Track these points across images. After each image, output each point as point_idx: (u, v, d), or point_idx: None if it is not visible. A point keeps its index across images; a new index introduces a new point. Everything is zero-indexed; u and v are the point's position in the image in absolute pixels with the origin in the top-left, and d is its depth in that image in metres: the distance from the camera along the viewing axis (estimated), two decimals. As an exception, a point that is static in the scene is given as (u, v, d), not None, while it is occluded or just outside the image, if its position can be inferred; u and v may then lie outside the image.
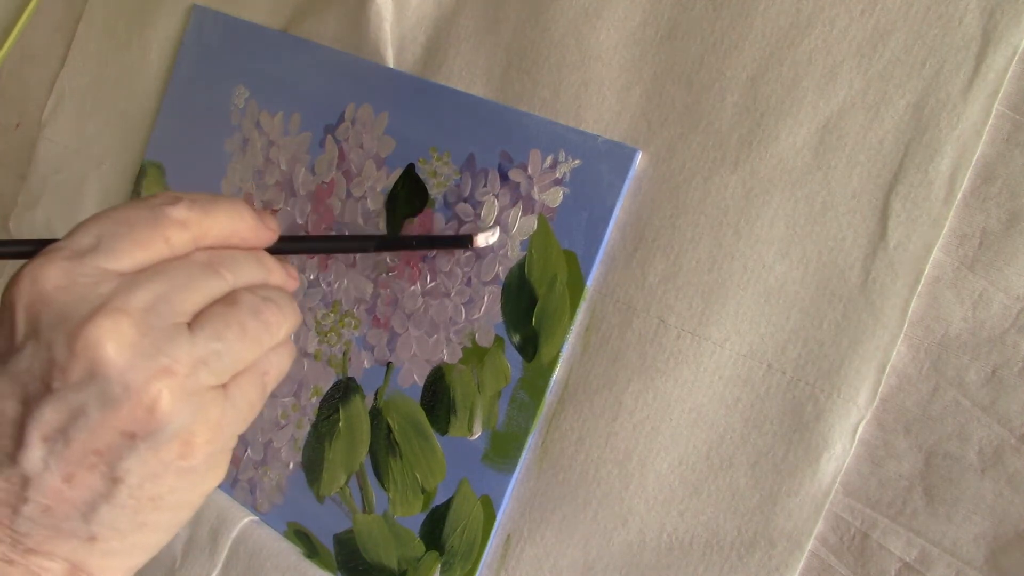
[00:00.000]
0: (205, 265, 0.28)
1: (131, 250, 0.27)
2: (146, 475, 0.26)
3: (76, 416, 0.25)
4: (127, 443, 0.25)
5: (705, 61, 0.34)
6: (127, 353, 0.25)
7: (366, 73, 0.43)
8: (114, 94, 0.54)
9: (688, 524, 0.33)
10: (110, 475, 0.26)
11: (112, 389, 0.25)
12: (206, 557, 0.44)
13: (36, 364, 0.25)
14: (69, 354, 0.25)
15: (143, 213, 0.27)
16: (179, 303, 0.27)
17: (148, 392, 0.25)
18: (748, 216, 0.33)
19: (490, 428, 0.37)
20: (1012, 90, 0.29)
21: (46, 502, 0.26)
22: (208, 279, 0.28)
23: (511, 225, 0.37)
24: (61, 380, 0.25)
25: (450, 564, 0.38)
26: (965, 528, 0.29)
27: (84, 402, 0.25)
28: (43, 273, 0.26)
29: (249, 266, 0.29)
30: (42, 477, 0.25)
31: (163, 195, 0.28)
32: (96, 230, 0.27)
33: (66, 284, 0.25)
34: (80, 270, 0.26)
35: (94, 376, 0.25)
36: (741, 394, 0.32)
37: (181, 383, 0.26)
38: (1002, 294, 0.29)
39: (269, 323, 0.28)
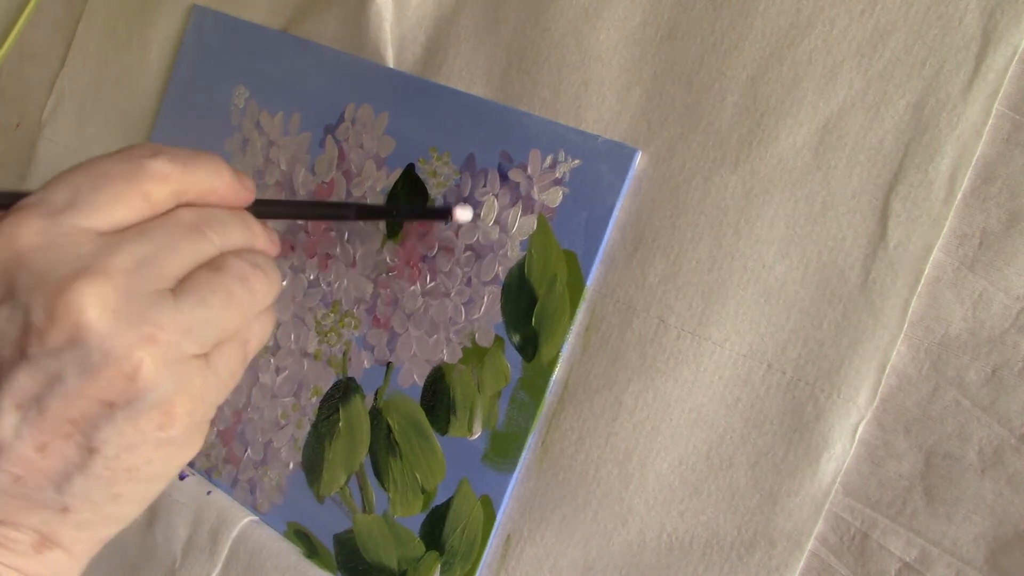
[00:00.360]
0: (191, 226, 0.26)
1: (110, 206, 0.25)
2: (123, 446, 0.25)
3: (52, 383, 0.24)
4: (105, 412, 0.24)
5: (705, 61, 0.34)
6: (109, 319, 0.24)
7: (366, 73, 0.43)
8: (114, 94, 0.54)
9: (688, 524, 0.33)
10: (86, 445, 0.25)
11: (92, 356, 0.24)
12: (206, 557, 0.44)
13: (11, 328, 0.24)
14: (48, 318, 0.23)
15: (121, 166, 0.25)
16: (164, 267, 0.25)
17: (130, 360, 0.24)
18: (748, 216, 0.33)
19: (490, 428, 0.37)
20: (1012, 90, 0.29)
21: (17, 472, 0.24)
22: (194, 241, 0.26)
23: (511, 225, 0.37)
24: (38, 345, 0.23)
25: (450, 564, 0.38)
26: (965, 528, 0.29)
27: (61, 369, 0.24)
28: (18, 232, 0.24)
29: (235, 228, 0.28)
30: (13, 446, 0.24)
31: (141, 146, 0.27)
32: (73, 184, 0.25)
33: (43, 244, 0.24)
34: (57, 229, 0.24)
35: (74, 342, 0.23)
36: (741, 394, 0.32)
37: (164, 351, 0.24)
38: (1002, 294, 0.29)
39: (255, 291, 0.27)
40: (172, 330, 0.25)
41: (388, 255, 0.41)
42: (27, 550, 0.26)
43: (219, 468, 0.46)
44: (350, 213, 0.37)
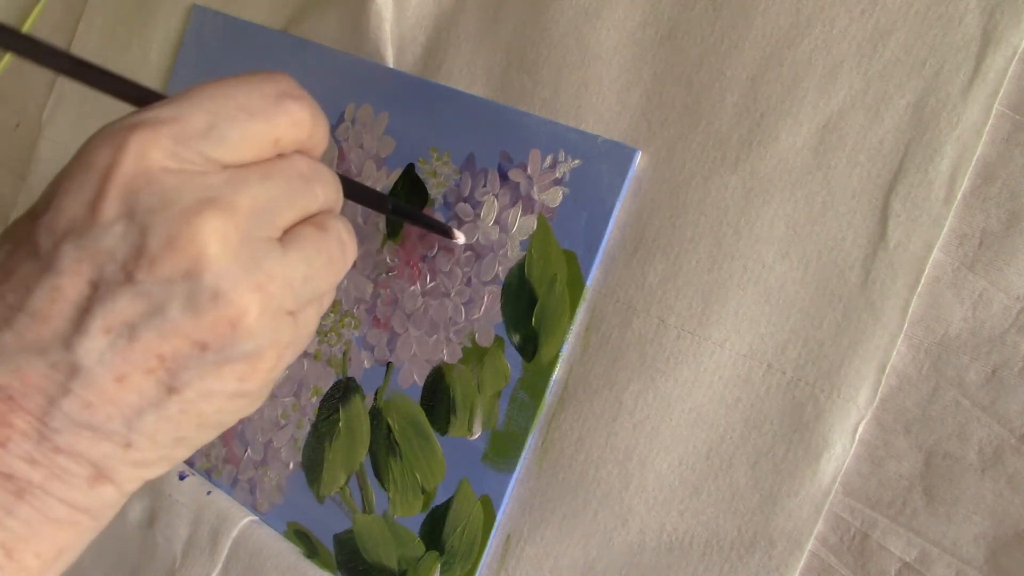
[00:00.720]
0: (304, 178, 0.25)
1: (241, 144, 0.24)
2: (201, 391, 0.24)
3: (153, 314, 0.22)
4: (196, 354, 0.23)
5: (705, 61, 0.34)
6: (228, 258, 0.23)
7: (366, 73, 0.43)
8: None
9: (688, 524, 0.33)
10: (167, 383, 0.23)
11: (202, 293, 0.22)
12: (206, 557, 0.44)
13: (122, 247, 0.22)
14: (167, 245, 0.22)
15: (265, 103, 0.24)
16: (279, 216, 0.24)
17: (237, 305, 0.23)
18: (748, 216, 0.33)
19: (490, 428, 0.37)
20: (1012, 90, 0.29)
21: (90, 398, 0.23)
22: (304, 194, 0.25)
23: (511, 225, 0.37)
24: (148, 271, 0.22)
25: (450, 564, 0.38)
26: (965, 528, 0.29)
27: (167, 300, 0.22)
28: (149, 148, 0.22)
29: (333, 189, 0.27)
30: (93, 371, 0.23)
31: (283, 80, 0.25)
32: (211, 111, 0.24)
33: (174, 167, 0.23)
34: (187, 155, 0.23)
35: (188, 275, 0.22)
36: (741, 394, 0.32)
37: (269, 302, 0.24)
38: (1002, 294, 0.29)
39: (347, 256, 0.27)
40: (279, 282, 0.24)
41: (388, 255, 0.41)
42: (80, 484, 0.24)
43: (219, 468, 0.46)
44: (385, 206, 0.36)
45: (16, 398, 0.23)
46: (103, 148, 0.23)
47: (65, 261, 0.22)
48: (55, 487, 0.24)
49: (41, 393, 0.23)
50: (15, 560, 0.24)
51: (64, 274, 0.22)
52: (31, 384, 0.23)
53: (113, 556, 0.47)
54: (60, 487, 0.24)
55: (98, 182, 0.22)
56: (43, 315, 0.22)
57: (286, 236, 0.25)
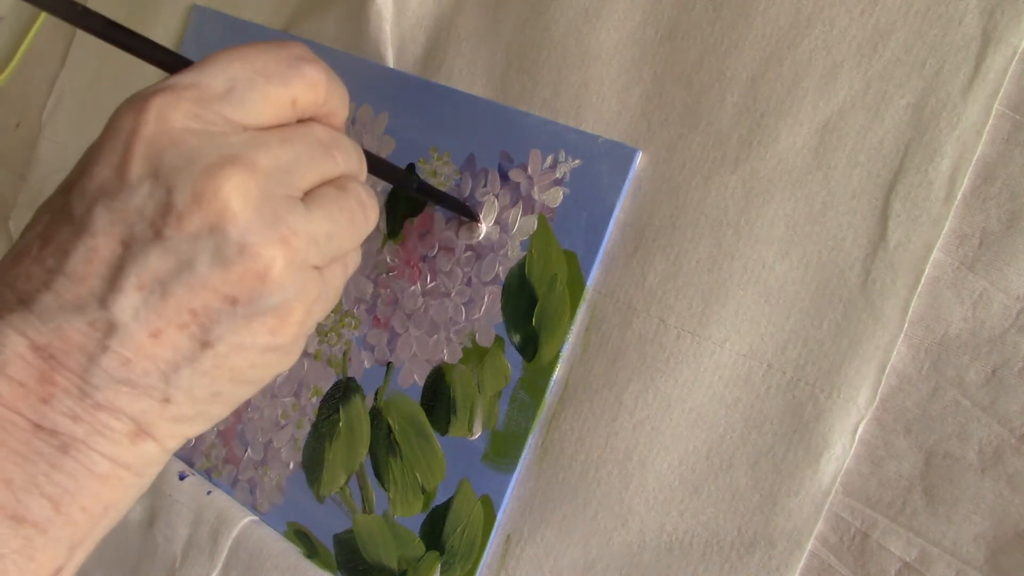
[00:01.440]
0: (324, 143, 0.27)
1: (261, 105, 0.25)
2: (234, 344, 0.25)
3: (182, 269, 0.23)
4: (227, 307, 0.24)
5: (705, 61, 0.34)
6: (251, 212, 0.23)
7: (366, 73, 0.43)
8: (114, 94, 0.54)
9: (688, 524, 0.33)
10: (200, 338, 0.24)
11: (229, 247, 0.23)
12: (206, 557, 0.44)
13: (150, 206, 0.23)
14: (192, 201, 0.23)
15: (280, 67, 0.25)
16: (299, 176, 0.25)
17: (264, 257, 0.24)
18: (748, 216, 0.33)
19: (490, 428, 0.37)
20: (1012, 90, 0.29)
21: (127, 355, 0.24)
22: (325, 158, 0.27)
23: (511, 225, 0.37)
24: (175, 227, 0.23)
25: (450, 564, 0.38)
26: (965, 528, 0.29)
27: (195, 255, 0.23)
28: (172, 111, 0.23)
29: (355, 156, 0.28)
30: (129, 328, 0.23)
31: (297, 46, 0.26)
32: (230, 75, 0.25)
33: (196, 128, 0.24)
34: (208, 116, 0.24)
35: (214, 229, 0.23)
36: (741, 394, 0.32)
37: (294, 256, 0.24)
38: (1002, 294, 0.29)
39: (368, 217, 0.28)
40: (303, 237, 0.25)
41: (388, 255, 0.41)
42: (122, 439, 0.25)
43: (219, 468, 0.46)
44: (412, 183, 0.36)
45: (57, 356, 0.23)
46: (127, 114, 0.24)
47: (98, 223, 0.23)
48: (98, 442, 0.24)
49: (81, 351, 0.24)
50: (63, 513, 0.24)
51: (98, 235, 0.23)
52: (71, 343, 0.23)
53: (113, 556, 0.47)
54: (102, 442, 0.24)
55: (124, 146, 0.23)
56: (80, 276, 0.23)
57: (307, 196, 0.26)
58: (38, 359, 0.23)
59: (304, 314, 0.26)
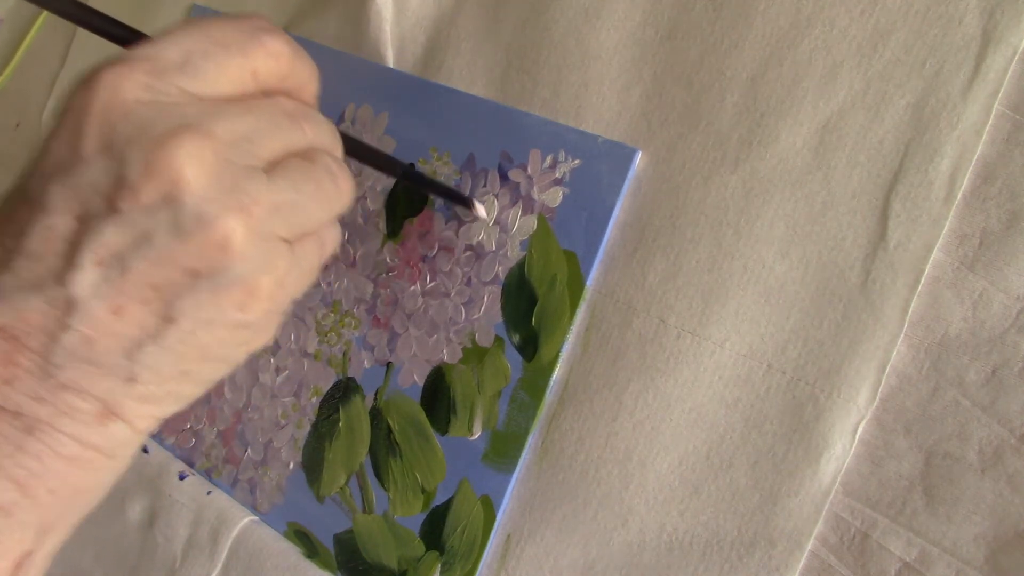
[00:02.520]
0: (290, 114, 0.26)
1: (218, 76, 0.24)
2: (200, 320, 0.24)
3: (140, 243, 0.23)
4: (188, 281, 0.23)
5: (705, 61, 0.34)
6: (207, 181, 0.23)
7: (366, 73, 0.43)
8: (114, 94, 0.54)
9: (688, 524, 0.33)
10: (163, 313, 0.24)
11: (185, 218, 0.22)
12: (206, 557, 0.44)
13: (104, 179, 0.23)
14: (145, 172, 0.22)
15: (239, 36, 0.25)
16: (260, 146, 0.24)
17: (222, 227, 0.23)
18: (748, 216, 0.33)
19: (490, 428, 0.37)
20: (1012, 90, 0.29)
21: (89, 333, 0.23)
22: (290, 129, 0.26)
23: (511, 225, 0.37)
24: (131, 200, 0.22)
25: (450, 564, 0.38)
26: (965, 528, 0.29)
27: (152, 228, 0.22)
28: (124, 82, 0.23)
29: (325, 128, 0.27)
30: (89, 304, 0.23)
31: (259, 19, 0.26)
32: (186, 45, 0.24)
33: (149, 99, 0.23)
34: (162, 87, 0.23)
35: (169, 200, 0.22)
36: (741, 394, 0.32)
37: (256, 225, 0.24)
38: (1002, 294, 0.29)
39: (341, 189, 0.27)
40: (265, 205, 0.24)
41: (388, 255, 0.41)
42: (89, 420, 0.24)
43: (219, 468, 0.46)
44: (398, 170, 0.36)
45: (19, 337, 0.23)
46: (81, 90, 0.23)
47: (54, 200, 0.23)
48: (63, 423, 0.24)
49: (42, 331, 0.23)
50: (29, 496, 0.24)
51: (53, 213, 0.23)
52: (32, 323, 0.23)
53: (113, 556, 0.47)
54: (68, 423, 0.24)
55: (76, 121, 0.23)
56: (37, 254, 0.23)
57: (273, 167, 0.25)
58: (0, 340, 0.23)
59: (273, 287, 0.25)
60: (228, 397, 0.45)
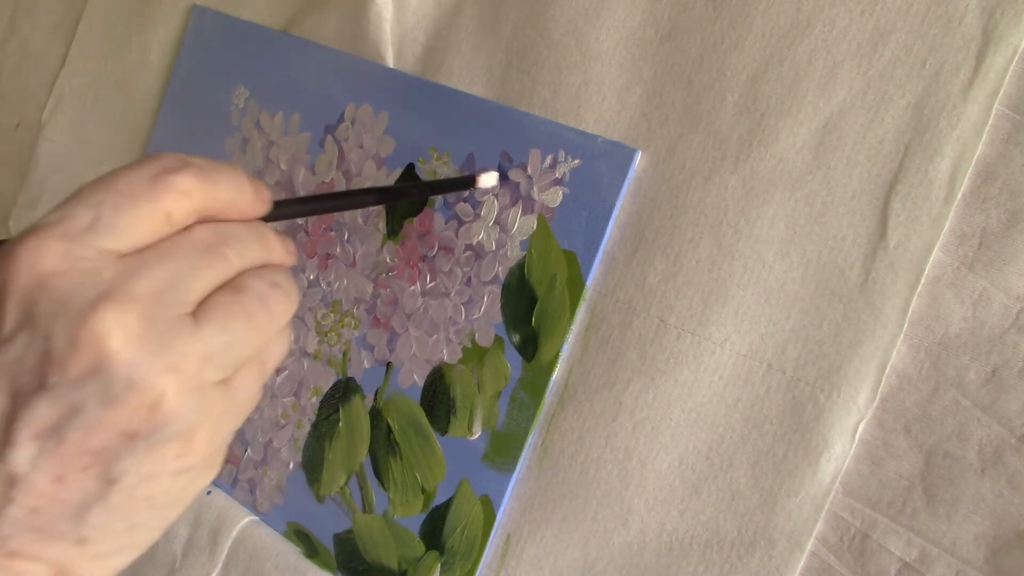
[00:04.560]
0: (210, 246, 0.26)
1: (132, 227, 0.24)
2: (142, 476, 0.25)
3: (73, 414, 0.23)
4: (125, 443, 0.24)
5: (705, 61, 0.34)
6: (134, 347, 0.23)
7: (366, 73, 0.43)
8: (114, 94, 0.54)
9: (688, 524, 0.33)
10: (105, 476, 0.24)
11: (115, 385, 0.23)
12: (206, 557, 0.44)
13: (29, 356, 0.23)
14: (70, 346, 0.23)
15: (143, 185, 0.25)
16: (184, 291, 0.25)
17: (153, 390, 0.23)
18: (748, 216, 0.33)
19: (490, 428, 0.37)
20: (1012, 90, 0.29)
21: (34, 503, 0.24)
22: (213, 262, 0.26)
23: (511, 225, 0.37)
24: (59, 374, 0.23)
25: (450, 564, 0.38)
26: (965, 528, 0.29)
27: (83, 399, 0.23)
28: (39, 256, 0.23)
29: (253, 244, 0.27)
30: (30, 477, 0.23)
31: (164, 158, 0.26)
32: (94, 203, 0.24)
33: (65, 268, 0.23)
34: (78, 251, 0.24)
35: (97, 371, 0.23)
36: (741, 394, 0.32)
37: (187, 380, 0.24)
38: (1002, 294, 0.29)
39: (274, 311, 0.27)
40: (194, 358, 0.24)
41: (388, 255, 0.41)
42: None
43: (219, 468, 0.46)
44: (371, 200, 0.36)
45: None
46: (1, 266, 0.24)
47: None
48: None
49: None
50: None
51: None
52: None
53: (113, 556, 0.47)
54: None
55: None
56: None
57: (200, 307, 0.25)
58: None
59: (212, 432, 0.25)
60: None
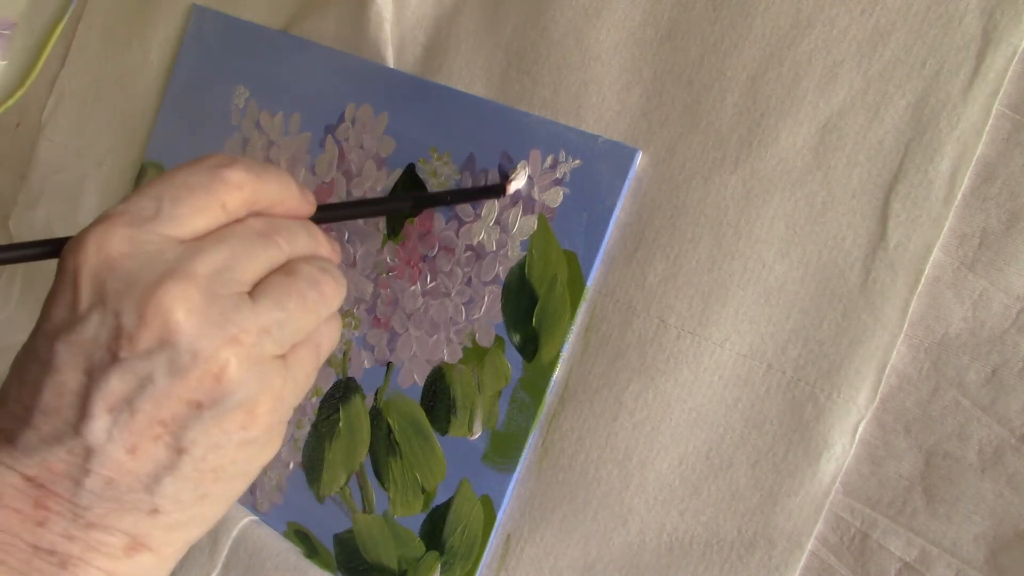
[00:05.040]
0: (262, 233, 0.28)
1: (191, 216, 0.26)
2: (209, 446, 0.26)
3: (143, 385, 0.25)
4: (193, 413, 0.25)
5: (705, 61, 0.34)
6: (197, 320, 0.25)
7: (366, 73, 0.43)
8: (114, 94, 0.54)
9: (688, 524, 0.33)
10: (175, 446, 0.26)
11: (181, 357, 0.25)
12: (206, 557, 0.44)
13: (102, 333, 0.25)
14: (138, 321, 0.24)
15: (200, 177, 0.27)
16: (241, 272, 0.27)
17: (217, 360, 0.25)
18: (748, 216, 0.33)
19: (490, 428, 0.37)
20: (1012, 90, 0.29)
21: (109, 474, 0.25)
22: (266, 248, 0.28)
23: (511, 225, 0.37)
24: (129, 348, 0.25)
25: (450, 564, 0.38)
26: (965, 528, 0.29)
27: (152, 370, 0.25)
28: (108, 240, 0.25)
29: (302, 236, 0.29)
30: (105, 449, 0.25)
31: (218, 156, 0.28)
32: (155, 195, 0.27)
33: (131, 251, 0.25)
34: (143, 237, 0.26)
35: (164, 343, 0.24)
36: (741, 394, 0.32)
37: (248, 352, 0.26)
38: (1002, 294, 0.29)
39: (326, 294, 0.28)
40: (253, 331, 0.26)
41: (388, 255, 0.41)
42: (118, 553, 0.26)
43: (219, 468, 0.46)
44: (406, 206, 0.38)
45: (47, 485, 0.26)
46: (70, 253, 0.26)
47: (61, 358, 0.25)
48: (94, 558, 0.26)
49: (67, 477, 0.25)
50: None
51: (62, 370, 0.25)
52: (56, 471, 0.25)
53: (113, 556, 0.47)
54: (98, 557, 0.26)
55: (71, 283, 0.26)
56: (53, 409, 0.25)
57: (256, 288, 0.27)
58: (30, 488, 0.26)
59: (273, 403, 0.27)
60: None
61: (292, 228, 0.29)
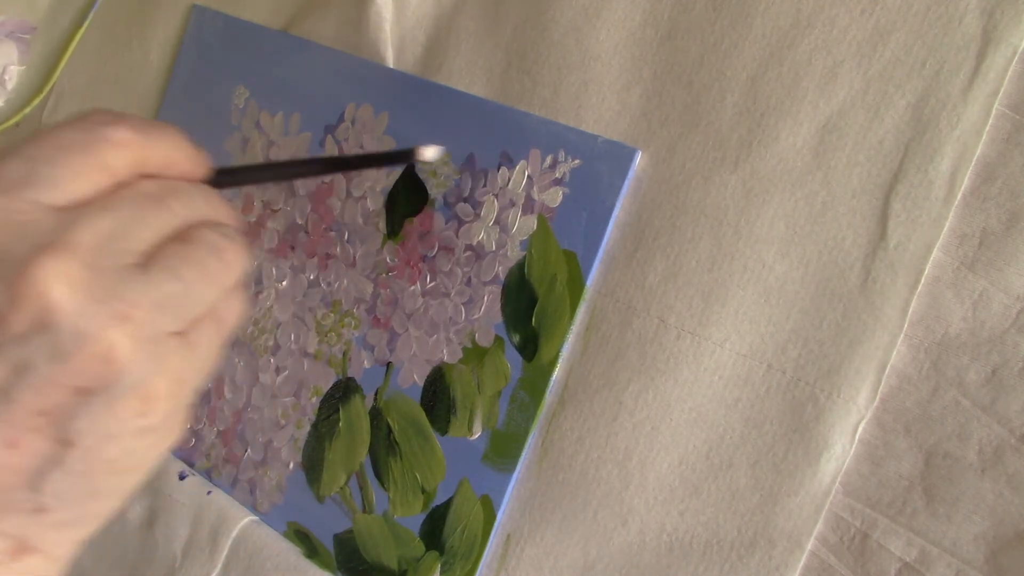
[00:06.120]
0: (154, 197, 0.24)
1: (68, 179, 0.23)
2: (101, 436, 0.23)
3: (20, 373, 0.22)
4: (79, 400, 0.22)
5: (705, 61, 0.34)
6: (78, 297, 0.22)
7: (366, 73, 0.43)
8: (114, 94, 0.54)
9: (688, 524, 0.33)
10: (60, 438, 0.23)
11: (62, 339, 0.22)
12: (206, 557, 0.44)
13: None
14: (11, 302, 0.21)
15: (78, 135, 0.24)
16: (130, 241, 0.23)
17: (103, 340, 0.22)
18: (748, 216, 0.33)
19: (490, 428, 0.37)
20: (1012, 90, 0.29)
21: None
22: (158, 213, 0.24)
23: (511, 225, 0.37)
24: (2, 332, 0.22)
25: (450, 564, 0.38)
26: (965, 528, 0.29)
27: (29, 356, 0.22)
28: None
29: (199, 199, 0.26)
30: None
31: (98, 112, 0.25)
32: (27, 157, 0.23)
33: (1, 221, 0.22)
34: (12, 205, 0.22)
35: (41, 325, 0.22)
36: (741, 394, 0.32)
37: (138, 329, 0.23)
38: (1002, 294, 0.29)
39: (228, 262, 0.25)
40: (145, 306, 0.23)
41: (388, 255, 0.41)
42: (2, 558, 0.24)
43: (219, 468, 0.46)
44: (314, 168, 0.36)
45: None
46: None
47: None
48: None
49: None
50: None
51: None
52: None
53: (113, 556, 0.47)
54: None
55: None
56: None
57: (149, 258, 0.24)
58: None
59: (171, 386, 0.24)
60: (228, 397, 0.45)
61: (187, 191, 0.26)
